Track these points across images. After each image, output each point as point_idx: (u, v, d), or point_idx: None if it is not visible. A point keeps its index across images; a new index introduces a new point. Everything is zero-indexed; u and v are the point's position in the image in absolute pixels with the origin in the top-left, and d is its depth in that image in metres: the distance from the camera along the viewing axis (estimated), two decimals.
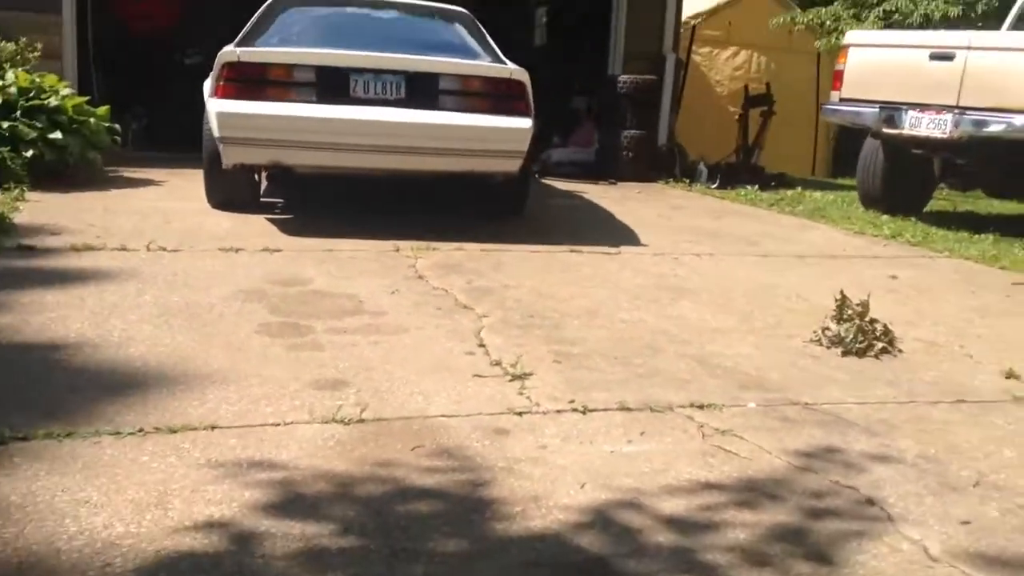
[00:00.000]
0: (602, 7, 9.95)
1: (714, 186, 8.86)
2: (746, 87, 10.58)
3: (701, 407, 2.81)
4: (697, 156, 9.88)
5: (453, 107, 5.24)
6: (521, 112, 5.27)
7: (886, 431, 2.69)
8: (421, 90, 5.20)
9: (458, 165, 5.37)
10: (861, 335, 3.46)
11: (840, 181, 10.74)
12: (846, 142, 11.26)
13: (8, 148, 5.82)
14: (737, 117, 10.21)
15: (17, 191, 5.62)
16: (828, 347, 3.47)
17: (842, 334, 3.47)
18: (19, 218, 4.97)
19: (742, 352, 3.41)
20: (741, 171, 9.55)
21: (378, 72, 5.16)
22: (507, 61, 5.58)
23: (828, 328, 3.54)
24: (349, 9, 6.09)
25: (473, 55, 5.69)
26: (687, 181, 9.04)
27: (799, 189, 8.82)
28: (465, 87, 5.30)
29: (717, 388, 2.99)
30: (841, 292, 3.66)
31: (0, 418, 2.38)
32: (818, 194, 8.55)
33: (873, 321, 3.53)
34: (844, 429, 2.69)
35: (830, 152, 13.22)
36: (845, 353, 3.41)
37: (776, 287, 4.54)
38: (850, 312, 3.56)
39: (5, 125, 5.84)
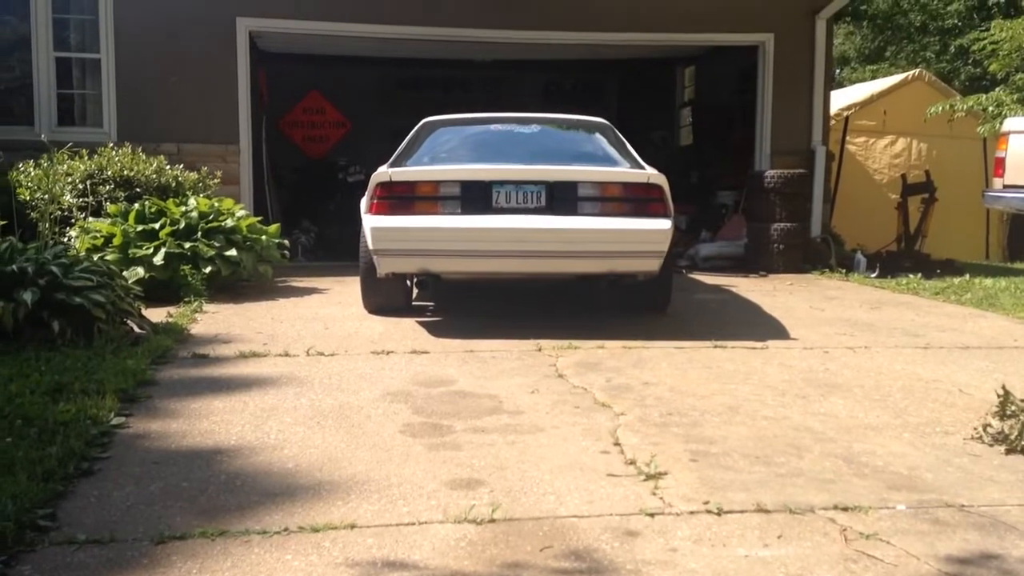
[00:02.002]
0: (746, 105, 10.02)
1: (873, 275, 8.55)
2: (903, 176, 10.27)
3: (845, 509, 2.68)
4: (855, 246, 9.60)
5: (592, 212, 5.37)
6: (660, 214, 5.34)
7: None
8: (561, 197, 5.37)
9: (599, 267, 5.47)
10: None
11: (1016, 266, 10.09)
12: (1022, 225, 10.63)
13: (190, 266, 6.39)
14: (896, 205, 9.88)
15: (196, 303, 6.14)
16: (990, 445, 3.25)
17: (1006, 431, 3.24)
18: (195, 328, 5.42)
19: (894, 451, 3.24)
20: (903, 259, 9.18)
21: (519, 183, 5.38)
22: (645, 166, 5.69)
23: (990, 425, 3.32)
24: (493, 126, 6.41)
25: (611, 162, 5.85)
26: (844, 271, 8.76)
27: (967, 276, 8.35)
28: (603, 193, 5.43)
29: (864, 489, 2.85)
30: (1003, 386, 3.43)
31: (162, 518, 2.58)
32: (989, 281, 8.07)
33: None
34: (1003, 533, 2.50)
35: (1004, 236, 12.51)
36: (1009, 451, 3.18)
37: (936, 381, 4.29)
38: (1014, 407, 3.33)
39: (187, 245, 6.44)
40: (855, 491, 2.83)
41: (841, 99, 12.25)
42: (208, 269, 6.46)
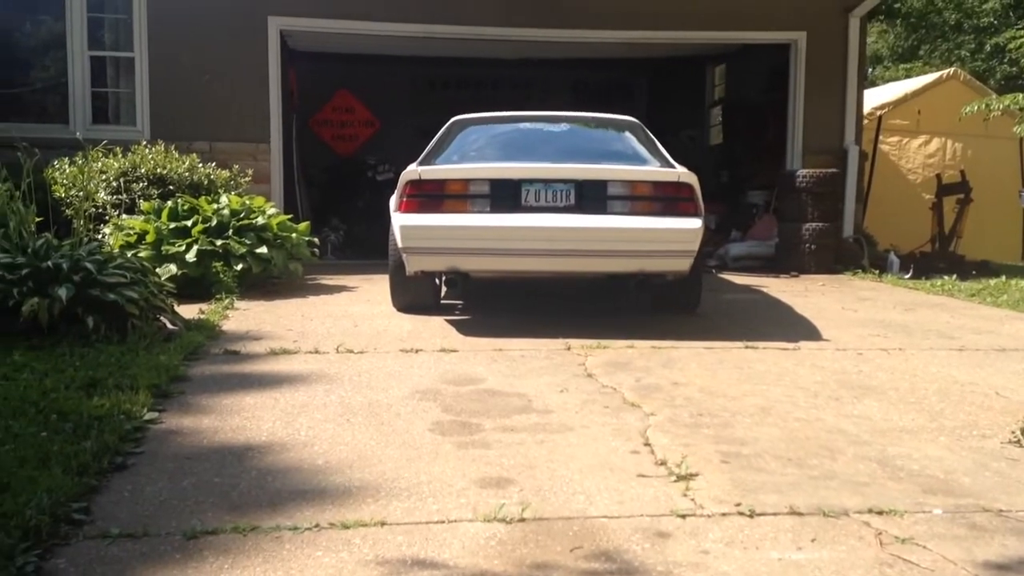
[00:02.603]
0: (777, 104, 9.94)
1: (907, 277, 8.44)
2: (938, 176, 10.13)
3: (880, 513, 2.64)
4: (888, 246, 9.49)
5: (622, 211, 5.34)
6: (690, 213, 5.30)
7: None
8: (590, 196, 5.35)
9: (628, 266, 5.44)
10: None
11: None
12: None
13: (221, 263, 6.44)
14: (931, 206, 9.74)
15: (228, 300, 6.19)
16: None
17: None
18: (227, 325, 5.45)
19: (930, 454, 3.19)
20: (937, 260, 9.06)
21: (547, 182, 5.36)
22: (676, 164, 5.65)
23: None
24: (522, 125, 6.41)
25: (641, 161, 5.82)
26: (877, 272, 8.66)
27: (1003, 278, 8.23)
28: (633, 191, 5.40)
29: (899, 493, 2.81)
30: None
31: (194, 512, 2.60)
32: None
33: None
34: None
35: None
36: None
37: (972, 384, 4.23)
38: None
39: (219, 242, 6.49)
40: (890, 495, 2.79)
41: (874, 98, 12.10)
42: (239, 266, 6.51)
